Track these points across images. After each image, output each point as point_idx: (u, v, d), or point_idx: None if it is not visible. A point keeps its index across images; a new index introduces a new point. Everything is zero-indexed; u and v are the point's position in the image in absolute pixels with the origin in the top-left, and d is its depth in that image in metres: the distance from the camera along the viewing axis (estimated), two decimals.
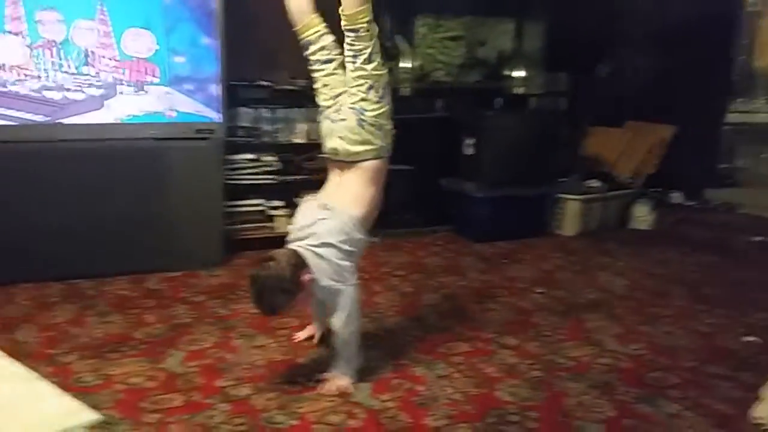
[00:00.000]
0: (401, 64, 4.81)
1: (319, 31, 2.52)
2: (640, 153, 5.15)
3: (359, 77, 2.38)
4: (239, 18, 4.28)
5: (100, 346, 2.70)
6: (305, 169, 4.49)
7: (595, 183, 4.94)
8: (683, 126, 4.96)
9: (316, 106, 2.45)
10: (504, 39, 5.21)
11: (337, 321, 2.37)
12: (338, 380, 2.37)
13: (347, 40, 2.38)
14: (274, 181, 4.36)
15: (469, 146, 4.69)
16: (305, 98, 4.50)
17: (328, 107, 2.49)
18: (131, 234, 3.63)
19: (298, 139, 4.52)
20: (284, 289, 2.23)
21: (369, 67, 2.37)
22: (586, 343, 2.78)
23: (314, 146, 4.52)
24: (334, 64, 2.50)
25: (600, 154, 5.36)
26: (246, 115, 4.37)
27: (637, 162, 5.12)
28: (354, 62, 2.38)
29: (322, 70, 2.51)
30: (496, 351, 2.70)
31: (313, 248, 2.29)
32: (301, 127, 4.52)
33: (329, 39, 2.51)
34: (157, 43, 3.58)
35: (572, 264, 4.02)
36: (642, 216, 4.89)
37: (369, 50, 2.35)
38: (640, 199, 4.96)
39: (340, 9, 2.37)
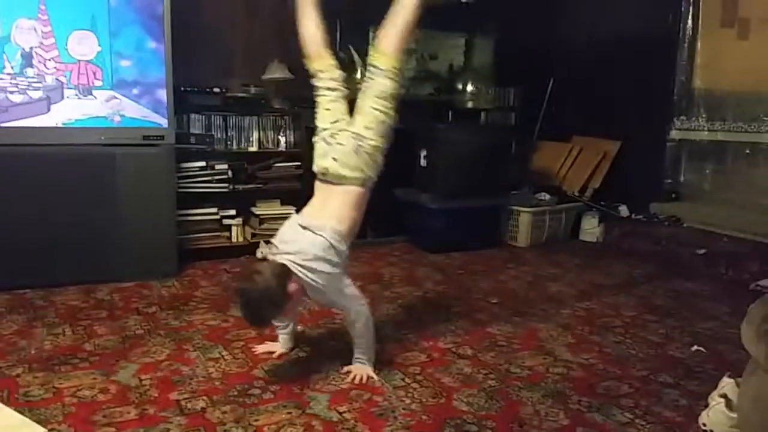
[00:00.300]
0: (354, 75, 4.85)
1: (332, 63, 2.66)
2: (587, 167, 5.31)
3: (373, 109, 2.50)
4: (191, 24, 4.24)
5: (49, 359, 2.61)
6: (259, 178, 4.45)
7: (545, 196, 5.07)
8: (629, 141, 5.14)
9: (269, 113, 2.47)
10: (455, 53, 5.31)
11: (351, 317, 2.52)
12: (364, 369, 2.53)
13: (371, 74, 2.53)
14: (227, 190, 4.31)
15: (422, 158, 4.75)
16: (258, 106, 4.50)
17: (325, 129, 2.61)
18: (81, 243, 3.53)
19: (252, 148, 4.49)
20: (272, 300, 2.30)
21: (384, 104, 2.51)
22: (539, 353, 2.84)
23: (268, 155, 4.51)
24: (338, 93, 2.65)
25: (548, 167, 5.51)
26: (197, 122, 4.31)
27: (585, 176, 5.28)
28: (370, 95, 2.51)
29: (327, 96, 2.63)
30: (453, 361, 2.73)
31: (305, 263, 2.36)
32: (255, 136, 4.49)
33: (338, 73, 2.66)
34: (100, 45, 3.50)
35: (525, 275, 4.11)
36: (590, 228, 5.04)
37: (389, 91, 2.51)
38: (588, 212, 5.11)
39: (374, 44, 2.53)
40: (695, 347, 2.93)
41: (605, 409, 2.34)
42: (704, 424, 2.18)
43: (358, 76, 4.86)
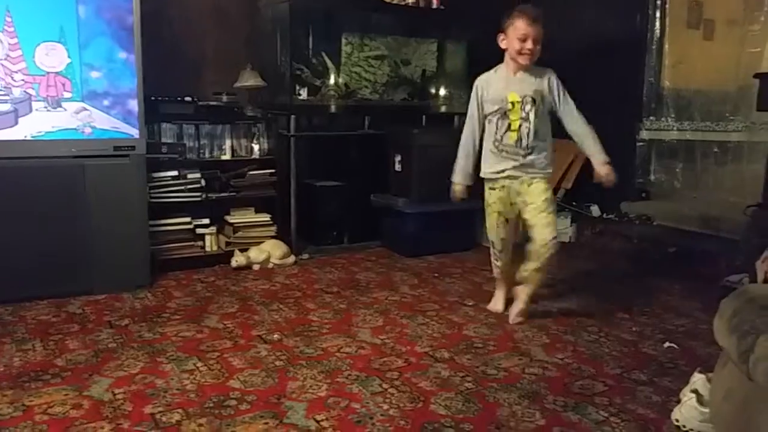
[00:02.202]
0: (327, 82, 4.86)
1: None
2: (558, 168, 5.36)
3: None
4: (161, 33, 4.21)
5: (18, 376, 2.55)
6: (232, 186, 4.42)
7: None
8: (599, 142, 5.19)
9: (242, 120, 2.39)
10: (427, 58, 5.34)
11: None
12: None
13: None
14: (200, 199, 4.27)
15: (397, 163, 4.76)
16: (231, 114, 4.47)
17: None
18: (51, 256, 3.47)
19: (225, 156, 4.46)
20: None
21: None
22: (515, 354, 2.86)
23: (242, 162, 4.49)
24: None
25: None
26: (169, 131, 4.27)
27: (556, 177, 5.32)
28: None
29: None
30: (430, 365, 2.73)
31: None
32: (227, 144, 4.46)
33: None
34: (70, 57, 3.46)
35: None
36: (563, 229, 5.08)
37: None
38: (561, 212, 5.15)
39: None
40: (667, 344, 2.97)
41: (581, 408, 2.36)
42: (677, 420, 2.21)
43: (331, 81, 4.88)
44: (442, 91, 5.43)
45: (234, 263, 4.18)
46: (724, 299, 1.94)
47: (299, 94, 4.70)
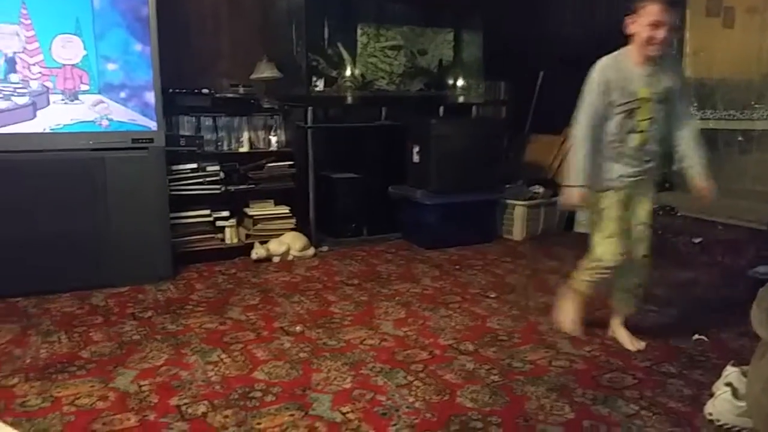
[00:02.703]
0: (343, 73, 4.82)
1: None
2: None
3: None
4: (176, 25, 4.19)
5: (45, 367, 2.56)
6: (251, 179, 4.41)
7: (538, 189, 5.05)
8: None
9: (259, 112, 2.32)
10: (444, 48, 5.28)
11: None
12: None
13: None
14: (219, 191, 4.27)
15: (415, 154, 4.72)
16: (248, 106, 4.45)
17: None
18: (73, 249, 3.48)
19: (243, 148, 4.45)
20: None
21: None
22: (541, 347, 2.83)
23: (259, 155, 4.48)
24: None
25: (541, 160, 5.49)
26: (187, 124, 4.26)
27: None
28: None
29: None
30: (455, 357, 2.71)
31: None
32: (245, 136, 4.45)
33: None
34: (86, 49, 3.45)
35: (522, 268, 4.10)
36: (585, 220, 5.02)
37: None
38: None
39: None
40: (696, 336, 2.92)
41: (610, 401, 2.33)
42: (710, 414, 2.17)
43: (348, 72, 4.84)
44: (460, 81, 5.37)
45: (254, 255, 4.17)
46: (762, 288, 1.89)
47: (315, 86, 4.68)
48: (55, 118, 3.44)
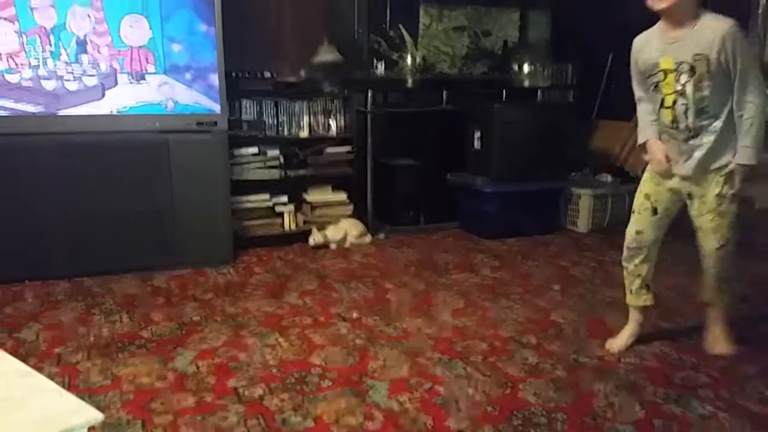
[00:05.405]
0: (405, 55, 4.73)
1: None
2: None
3: None
4: (240, 7, 4.18)
5: (107, 346, 2.61)
6: (310, 164, 4.39)
7: (606, 177, 4.85)
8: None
9: (319, 97, 2.25)
10: (509, 29, 5.12)
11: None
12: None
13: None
14: (279, 176, 4.26)
15: (476, 140, 4.60)
16: (309, 90, 4.42)
17: None
18: (137, 230, 3.55)
19: (303, 133, 4.43)
20: None
21: None
22: None
23: (319, 140, 4.45)
24: None
25: (609, 147, 5.27)
26: (249, 108, 4.27)
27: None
28: None
29: None
30: (517, 350, 2.61)
31: None
32: (305, 120, 4.42)
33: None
34: (152, 30, 3.48)
35: (588, 260, 3.94)
36: None
37: None
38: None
39: None
40: None
41: (683, 400, 2.19)
42: None
43: (409, 60, 4.75)
44: (525, 64, 5.20)
45: (312, 241, 4.16)
46: None
47: (376, 68, 4.61)
48: (122, 99, 3.49)
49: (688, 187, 2.46)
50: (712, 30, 2.24)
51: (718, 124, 2.34)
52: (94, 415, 1.12)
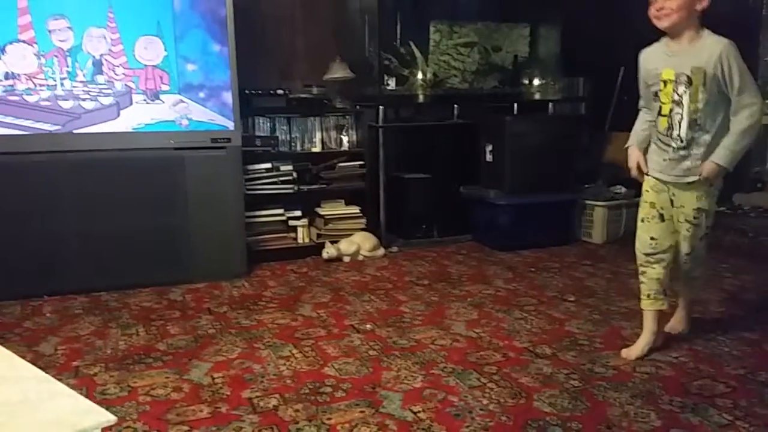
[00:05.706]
0: (415, 71, 4.77)
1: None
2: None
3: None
4: (252, 27, 4.26)
5: (123, 358, 2.64)
6: (323, 179, 4.43)
7: (620, 189, 4.84)
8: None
9: (331, 113, 2.29)
10: (519, 44, 5.15)
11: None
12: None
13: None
14: (292, 191, 4.30)
15: (488, 153, 4.61)
16: (320, 106, 4.48)
17: None
18: (153, 245, 3.60)
19: (315, 148, 4.47)
20: None
21: None
22: None
23: (331, 155, 4.49)
24: None
25: (622, 159, 5.23)
26: (262, 124, 4.33)
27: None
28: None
29: None
30: (531, 360, 2.60)
31: None
32: (318, 136, 4.47)
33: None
34: (166, 50, 3.55)
35: (603, 271, 3.92)
36: None
37: None
38: None
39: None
40: None
41: (701, 409, 2.17)
42: None
43: (419, 76, 4.79)
44: (536, 78, 5.22)
45: (325, 255, 4.18)
46: None
47: (387, 85, 4.66)
48: (137, 117, 3.56)
49: (673, 195, 2.60)
50: (710, 46, 2.42)
51: (707, 138, 2.46)
52: (107, 417, 1.14)
